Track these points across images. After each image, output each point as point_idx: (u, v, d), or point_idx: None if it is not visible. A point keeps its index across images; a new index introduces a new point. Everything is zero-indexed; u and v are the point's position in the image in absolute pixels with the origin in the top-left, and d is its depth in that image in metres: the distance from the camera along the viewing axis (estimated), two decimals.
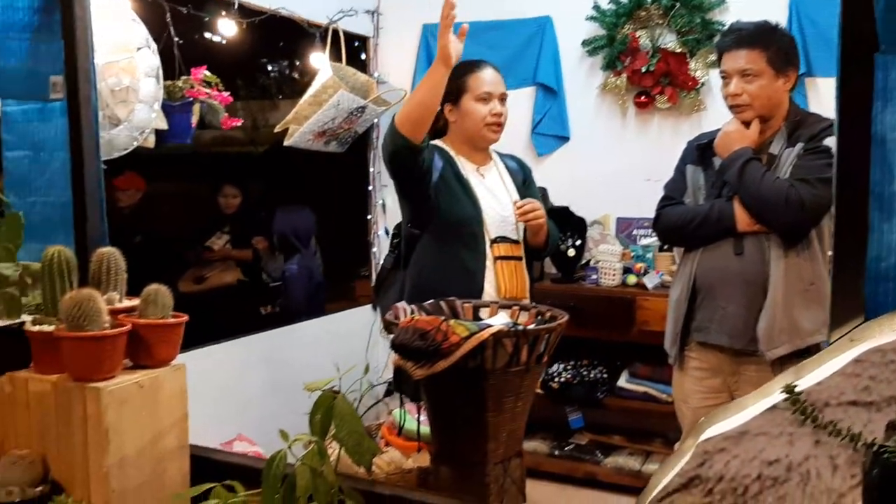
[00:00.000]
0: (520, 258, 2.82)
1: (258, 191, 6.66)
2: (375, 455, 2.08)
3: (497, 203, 2.82)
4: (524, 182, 2.98)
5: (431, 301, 2.17)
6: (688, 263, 2.75)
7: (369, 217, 4.78)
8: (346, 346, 4.18)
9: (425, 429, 2.04)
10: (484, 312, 2.19)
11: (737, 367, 2.70)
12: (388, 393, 4.47)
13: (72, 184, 2.24)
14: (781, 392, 1.25)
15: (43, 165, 2.54)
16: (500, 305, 2.23)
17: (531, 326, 1.88)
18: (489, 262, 2.75)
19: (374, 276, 4.79)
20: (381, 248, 4.78)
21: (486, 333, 1.77)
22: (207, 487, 1.77)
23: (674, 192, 2.82)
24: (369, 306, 4.77)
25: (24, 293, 2.06)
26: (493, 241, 2.77)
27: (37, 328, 1.87)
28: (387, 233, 4.73)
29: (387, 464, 2.10)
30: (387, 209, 4.75)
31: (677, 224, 2.74)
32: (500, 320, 1.97)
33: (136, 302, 2.01)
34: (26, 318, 1.93)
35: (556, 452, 3.96)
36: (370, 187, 4.75)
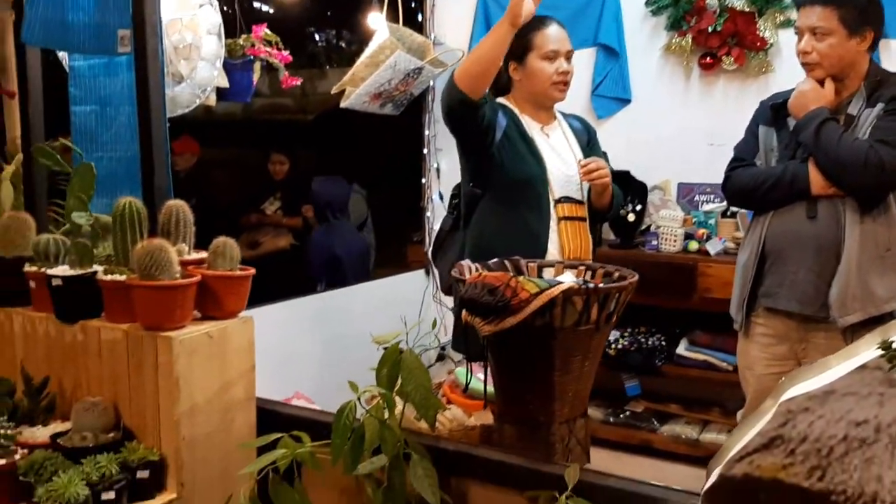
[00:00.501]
0: (584, 219, 2.77)
1: (307, 158, 6.70)
2: (439, 411, 2.08)
3: (562, 162, 2.77)
4: (588, 143, 2.92)
5: (496, 260, 2.14)
6: (757, 227, 2.67)
7: (423, 181, 4.75)
8: (398, 311, 4.18)
9: (489, 388, 2.03)
10: (548, 272, 2.16)
11: (805, 333, 2.63)
12: (439, 357, 4.49)
13: (139, 137, 2.25)
14: (878, 348, 1.19)
15: (109, 120, 2.56)
16: (565, 265, 2.19)
17: (601, 285, 1.84)
18: (553, 223, 2.70)
19: (427, 241, 4.77)
20: (434, 214, 4.75)
21: (556, 290, 1.74)
22: (275, 437, 1.78)
23: (745, 154, 2.73)
24: (422, 271, 4.76)
25: (95, 244, 2.08)
26: (558, 202, 2.72)
27: (109, 277, 1.89)
28: (441, 198, 4.71)
29: (449, 420, 2.10)
30: (441, 174, 4.71)
31: (748, 186, 2.66)
32: (568, 279, 1.93)
33: (204, 254, 2.03)
34: (98, 268, 1.95)
35: (612, 419, 3.92)
36: (425, 151, 4.71)
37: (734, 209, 3.79)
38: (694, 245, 3.77)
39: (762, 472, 1.16)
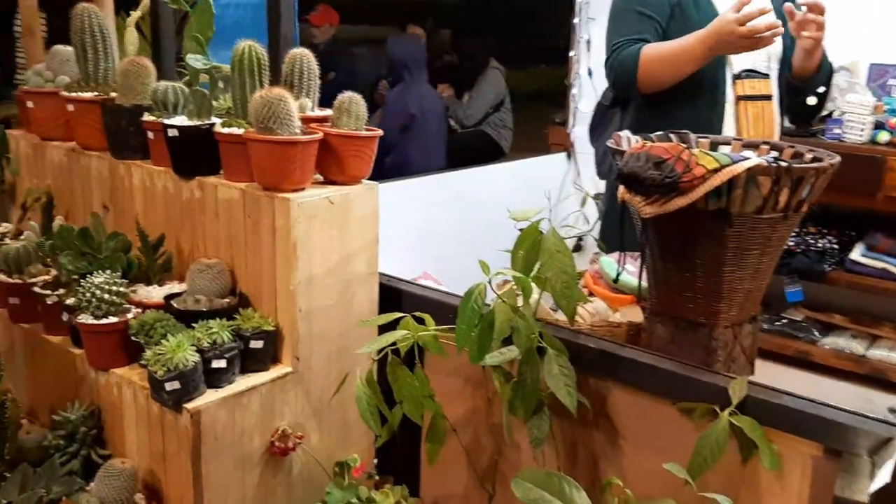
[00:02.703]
0: (768, 97, 2.34)
1: (444, 33, 6.37)
2: (580, 303, 1.84)
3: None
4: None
5: (660, 132, 1.82)
6: None
7: (571, 55, 4.34)
8: (535, 195, 3.90)
9: (636, 280, 1.76)
10: (724, 150, 1.82)
11: None
12: (576, 248, 4.21)
13: None
14: None
15: None
16: (744, 144, 1.84)
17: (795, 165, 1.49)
18: (729, 104, 2.29)
19: (571, 122, 4.41)
20: (581, 92, 4.37)
21: (740, 167, 1.42)
22: (397, 317, 1.61)
23: None
24: (563, 155, 4.44)
25: (216, 95, 1.92)
26: (737, 77, 2.29)
27: (226, 130, 1.72)
28: (590, 74, 4.29)
29: (591, 314, 1.85)
30: (592, 47, 4.27)
31: None
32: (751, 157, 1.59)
33: (329, 113, 1.82)
34: (216, 120, 1.79)
35: (766, 326, 3.56)
36: (575, 20, 4.27)
37: None
38: (884, 136, 3.25)
39: None
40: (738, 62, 2.29)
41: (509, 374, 1.58)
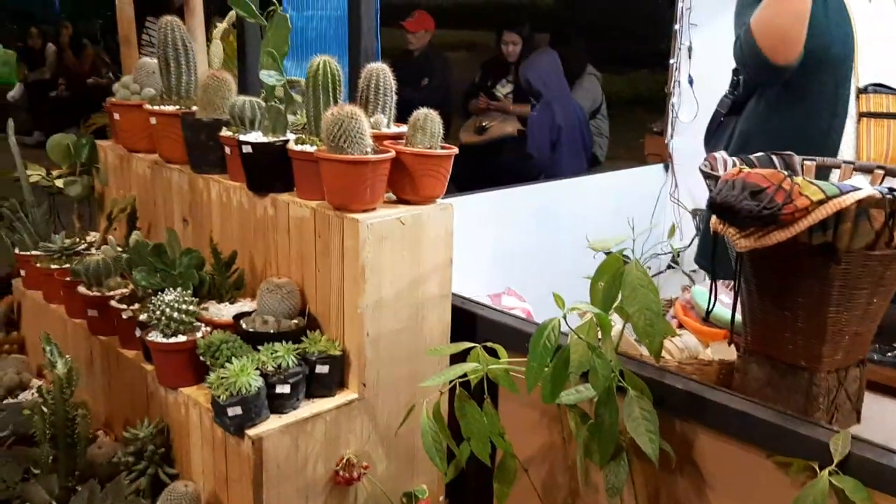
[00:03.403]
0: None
1: (541, 38, 6.24)
2: (667, 337, 1.70)
3: (882, 32, 2.06)
4: None
5: (761, 154, 1.67)
6: None
7: (671, 62, 4.14)
8: (628, 208, 3.74)
9: (737, 316, 1.61)
10: (833, 176, 1.66)
11: None
12: (670, 266, 4.01)
13: None
14: None
15: None
16: (855, 167, 1.67)
17: None
18: (850, 120, 2.04)
19: (669, 132, 4.22)
20: (681, 100, 4.17)
21: (849, 199, 1.27)
22: (467, 347, 1.52)
23: None
24: (660, 166, 4.24)
25: (293, 111, 1.88)
26: (862, 91, 2.03)
27: (299, 147, 1.68)
28: (691, 82, 4.09)
29: (679, 350, 1.72)
30: (693, 53, 4.07)
31: None
32: (863, 186, 1.43)
33: (404, 129, 1.76)
34: (291, 136, 1.75)
35: (875, 357, 3.28)
36: (676, 26, 4.08)
37: None
38: None
39: None
40: (866, 74, 2.05)
41: (586, 415, 1.47)
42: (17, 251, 2.28)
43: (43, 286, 2.19)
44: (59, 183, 2.45)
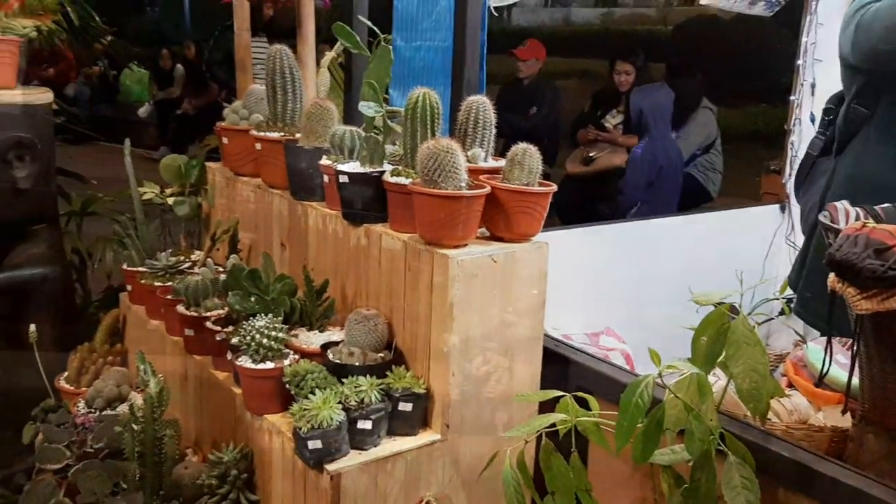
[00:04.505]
0: None
1: (656, 69, 6.09)
2: (775, 397, 1.58)
3: None
4: None
5: (887, 206, 1.53)
6: None
7: (792, 98, 3.95)
8: (740, 248, 3.55)
9: (854, 379, 1.48)
10: None
11: None
12: (782, 312, 3.78)
13: (454, 20, 1.98)
14: None
15: (431, 5, 2.32)
16: None
17: None
18: None
19: (788, 171, 4.01)
20: (801, 138, 3.95)
21: None
22: (556, 395, 1.45)
23: None
24: (776, 206, 4.03)
25: (392, 141, 1.87)
26: None
27: (394, 179, 1.66)
28: (812, 119, 3.88)
29: (787, 412, 1.59)
30: (816, 90, 3.87)
31: None
32: None
33: (501, 163, 1.71)
34: (387, 167, 1.74)
35: None
36: (798, 62, 3.89)
37: None
38: None
39: None
40: None
41: (681, 478, 1.37)
42: (125, 266, 2.37)
43: (146, 302, 2.26)
44: (170, 201, 2.54)
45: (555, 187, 1.65)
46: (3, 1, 2.52)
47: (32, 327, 2.18)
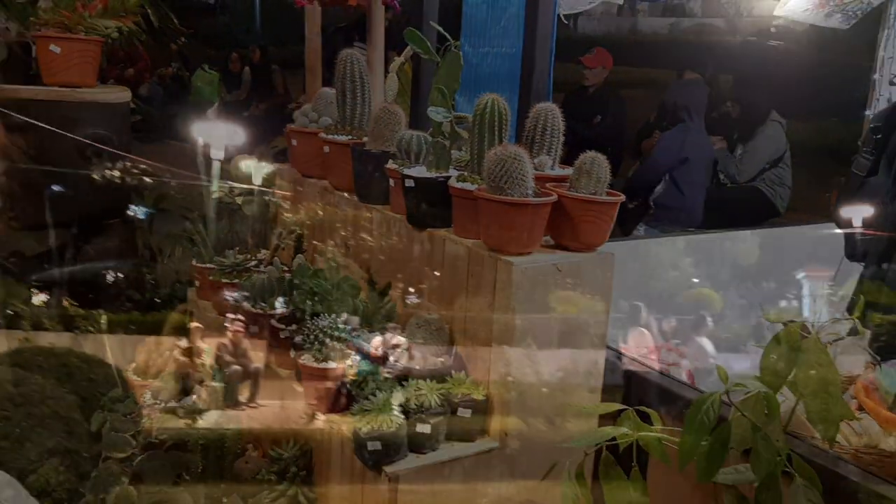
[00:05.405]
0: None
1: (724, 80, 5.98)
2: (844, 420, 1.53)
3: None
4: None
5: None
6: None
7: (867, 113, 3.84)
8: (807, 266, 3.46)
9: None
10: None
11: None
12: (853, 332, 3.66)
13: (525, 27, 1.98)
14: None
15: (499, 12, 2.33)
16: None
17: None
18: None
19: None
20: None
21: None
22: (618, 409, 1.43)
23: None
24: None
25: (459, 146, 1.88)
26: None
27: (460, 185, 1.66)
28: None
29: (857, 435, 1.53)
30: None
31: None
32: None
33: (569, 171, 1.70)
34: (454, 173, 1.74)
35: None
36: (875, 76, 3.78)
37: None
38: None
39: None
40: None
41: (745, 498, 1.34)
42: (194, 262, 2.43)
43: (213, 298, 2.31)
44: (239, 200, 2.59)
45: (623, 197, 1.64)
46: (87, 2, 2.61)
47: (104, 318, 2.25)
